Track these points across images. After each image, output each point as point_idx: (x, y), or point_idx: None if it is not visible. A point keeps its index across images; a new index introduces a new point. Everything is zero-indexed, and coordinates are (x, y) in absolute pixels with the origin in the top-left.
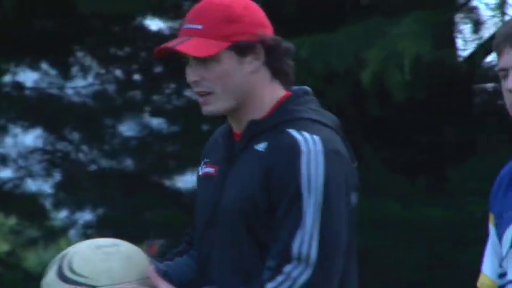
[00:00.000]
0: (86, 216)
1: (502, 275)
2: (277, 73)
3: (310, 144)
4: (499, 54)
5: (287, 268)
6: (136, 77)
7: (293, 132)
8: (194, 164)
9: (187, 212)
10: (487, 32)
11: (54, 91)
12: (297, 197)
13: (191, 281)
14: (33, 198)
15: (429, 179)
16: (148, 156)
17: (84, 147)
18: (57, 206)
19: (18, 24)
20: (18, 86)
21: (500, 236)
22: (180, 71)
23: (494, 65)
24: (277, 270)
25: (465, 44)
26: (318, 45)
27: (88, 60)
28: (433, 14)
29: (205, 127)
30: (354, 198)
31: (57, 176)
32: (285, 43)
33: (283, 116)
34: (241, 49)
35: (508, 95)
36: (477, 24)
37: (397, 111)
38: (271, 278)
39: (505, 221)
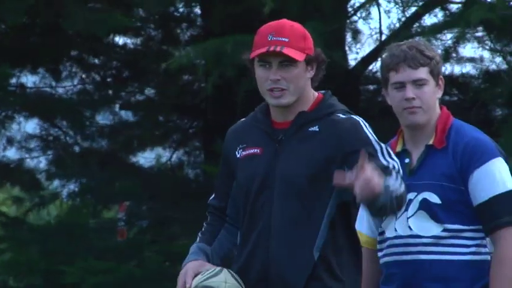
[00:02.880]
0: (71, 185)
1: (381, 233)
2: (314, 80)
3: (358, 118)
4: (396, 71)
5: (394, 171)
6: (109, 79)
7: (342, 115)
8: (152, 144)
9: (146, 181)
10: (367, 46)
11: (48, 90)
12: (370, 148)
13: (229, 249)
14: (32, 172)
15: None
16: (118, 139)
17: (70, 132)
18: (50, 177)
19: (21, 40)
20: (22, 86)
21: None
22: (142, 75)
23: (375, 72)
24: (389, 171)
25: (351, 52)
26: (239, 43)
27: (73, 67)
28: (323, 24)
29: (160, 118)
30: None
31: (50, 154)
32: (324, 57)
33: (326, 109)
34: (309, 61)
35: (404, 102)
36: (357, 38)
37: None
38: (390, 170)
39: None
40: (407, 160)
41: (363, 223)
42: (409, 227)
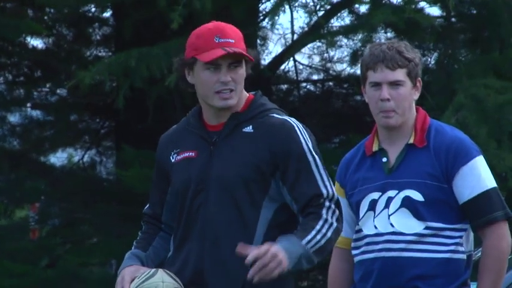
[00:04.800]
0: None
1: (358, 231)
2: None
3: (294, 122)
4: (374, 70)
5: (326, 204)
6: (21, 79)
7: (277, 116)
8: (63, 145)
9: (57, 180)
10: (279, 46)
11: None
12: (303, 159)
13: (165, 257)
14: None
15: None
16: (29, 139)
17: None
18: None
19: None
20: None
21: (357, 203)
22: (54, 75)
23: (287, 72)
24: (319, 207)
25: (263, 53)
26: (143, 56)
27: None
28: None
29: (72, 117)
30: None
31: None
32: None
33: (258, 108)
34: (247, 61)
35: (380, 103)
36: (266, 41)
37: None
38: (319, 213)
39: (360, 192)
40: (384, 159)
41: None
42: (391, 224)
